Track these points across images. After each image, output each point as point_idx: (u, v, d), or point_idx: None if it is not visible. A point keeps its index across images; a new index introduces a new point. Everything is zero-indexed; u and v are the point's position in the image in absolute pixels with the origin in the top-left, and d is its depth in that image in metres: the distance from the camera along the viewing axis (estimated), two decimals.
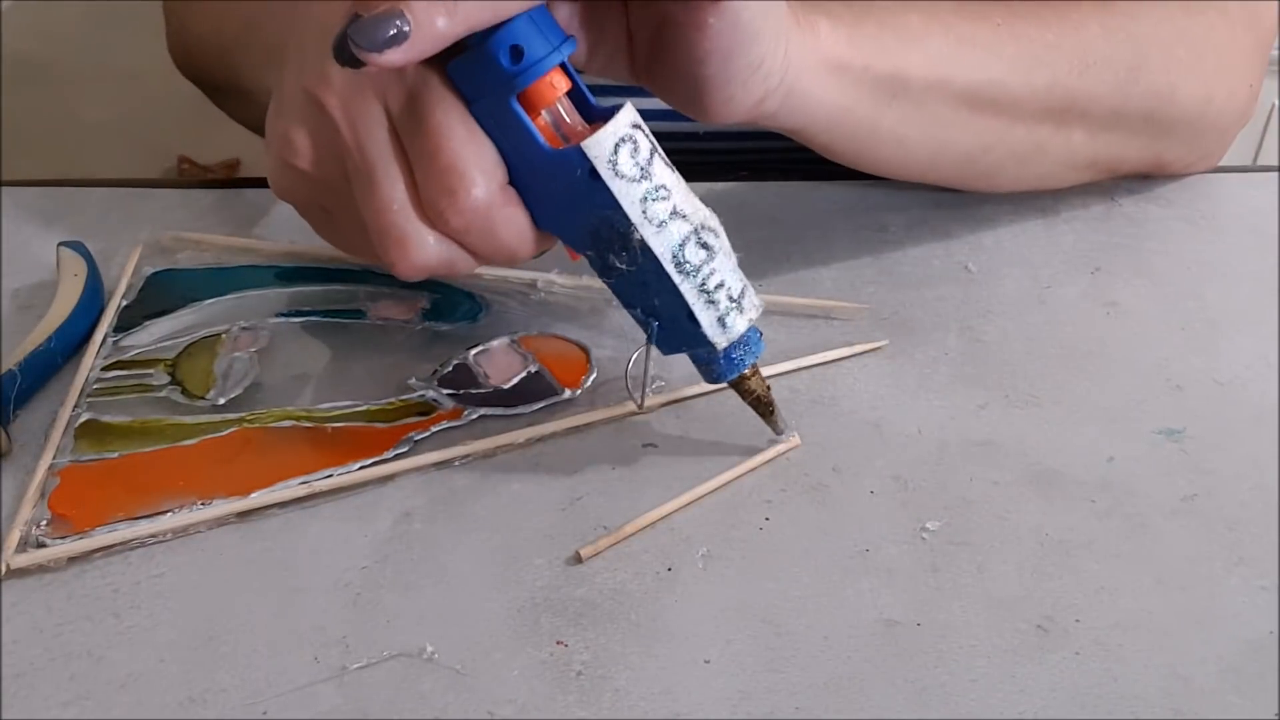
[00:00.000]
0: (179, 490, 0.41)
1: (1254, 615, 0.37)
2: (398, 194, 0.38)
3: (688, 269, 0.38)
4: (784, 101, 0.43)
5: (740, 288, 0.39)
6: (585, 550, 0.39)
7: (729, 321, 0.39)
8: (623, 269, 0.38)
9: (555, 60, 0.37)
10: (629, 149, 0.37)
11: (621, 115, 0.37)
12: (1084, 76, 0.50)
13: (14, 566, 0.38)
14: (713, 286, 0.39)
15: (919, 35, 0.47)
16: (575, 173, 0.37)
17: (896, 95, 0.46)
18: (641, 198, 0.37)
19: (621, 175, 0.37)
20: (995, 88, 0.48)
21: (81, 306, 0.48)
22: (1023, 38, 0.49)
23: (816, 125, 0.45)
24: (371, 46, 0.34)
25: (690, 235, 0.38)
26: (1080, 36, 0.50)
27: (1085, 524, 0.41)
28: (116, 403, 0.45)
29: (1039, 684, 0.35)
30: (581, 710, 0.35)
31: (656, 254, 0.38)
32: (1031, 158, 0.52)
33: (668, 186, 0.38)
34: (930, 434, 0.44)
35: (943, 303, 0.51)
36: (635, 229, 0.37)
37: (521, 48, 0.36)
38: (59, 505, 0.40)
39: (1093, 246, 0.54)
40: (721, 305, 0.39)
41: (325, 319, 0.49)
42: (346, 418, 0.44)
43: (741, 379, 0.42)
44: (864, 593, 0.38)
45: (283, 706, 0.35)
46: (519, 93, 0.37)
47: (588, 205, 0.38)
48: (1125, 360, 0.48)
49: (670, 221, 0.38)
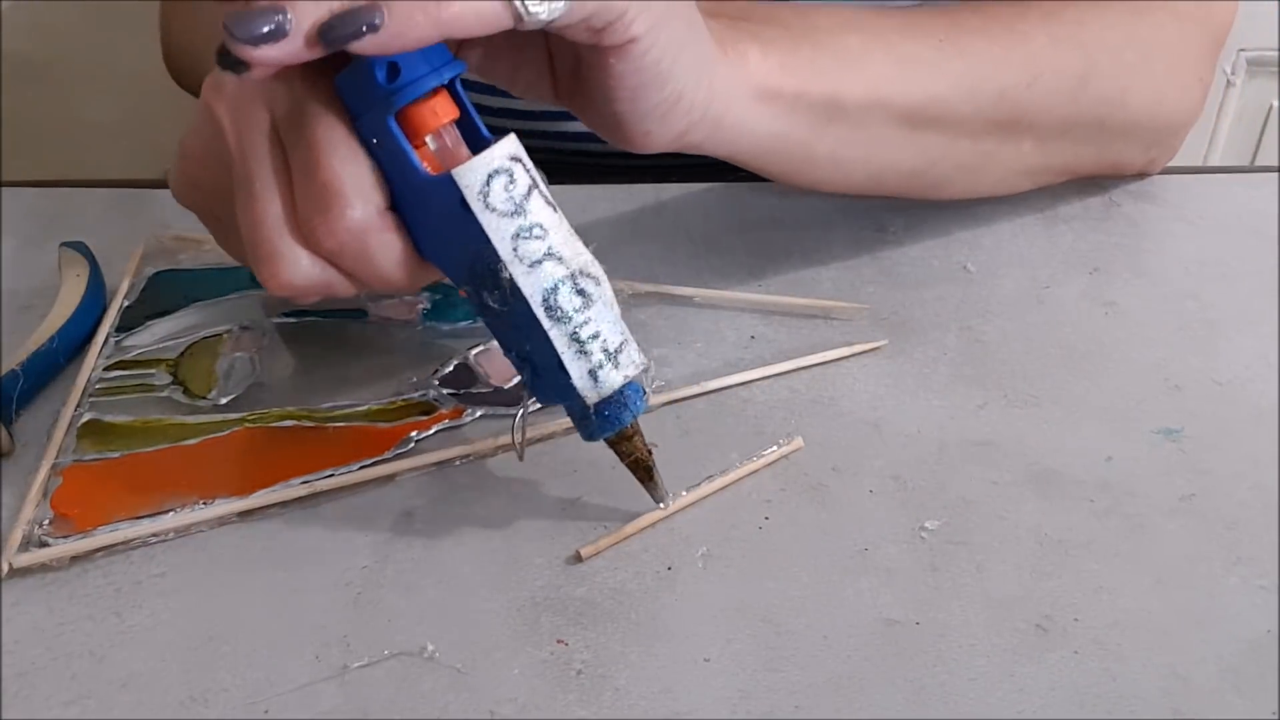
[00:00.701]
0: (181, 490, 0.41)
1: (1253, 614, 0.38)
2: (273, 208, 0.36)
3: (559, 315, 0.36)
4: (711, 133, 0.43)
5: (619, 342, 0.37)
6: (585, 550, 0.39)
7: (601, 376, 0.37)
8: (496, 309, 0.37)
9: (433, 81, 0.36)
10: (503, 181, 0.35)
11: (499, 146, 0.36)
12: (1032, 88, 0.49)
13: (16, 566, 0.39)
14: (586, 336, 0.36)
15: (858, 57, 0.46)
16: (449, 202, 0.36)
17: (833, 118, 0.46)
18: (514, 234, 0.36)
19: (493, 209, 0.35)
20: (939, 105, 0.48)
21: (83, 306, 0.48)
22: (967, 53, 0.48)
23: (748, 152, 0.45)
24: (247, 38, 0.33)
25: (565, 279, 0.36)
26: (1028, 48, 0.49)
27: (1084, 523, 0.41)
28: (119, 402, 0.45)
29: (1038, 683, 0.35)
30: (582, 709, 0.35)
31: (525, 295, 0.36)
32: (980, 169, 0.51)
33: (544, 226, 0.36)
34: (929, 434, 0.44)
35: (942, 303, 0.51)
36: (505, 266, 0.35)
37: (398, 65, 0.35)
38: (61, 505, 0.41)
39: (1091, 247, 0.54)
40: (594, 358, 0.37)
41: (326, 319, 0.49)
42: (348, 417, 0.44)
43: (619, 438, 0.39)
44: (863, 592, 0.38)
45: (284, 706, 0.35)
46: (397, 112, 0.35)
47: (461, 237, 0.36)
48: (1124, 360, 0.48)
49: (544, 263, 0.36)
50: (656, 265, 0.53)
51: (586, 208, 0.56)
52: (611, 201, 0.57)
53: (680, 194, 0.57)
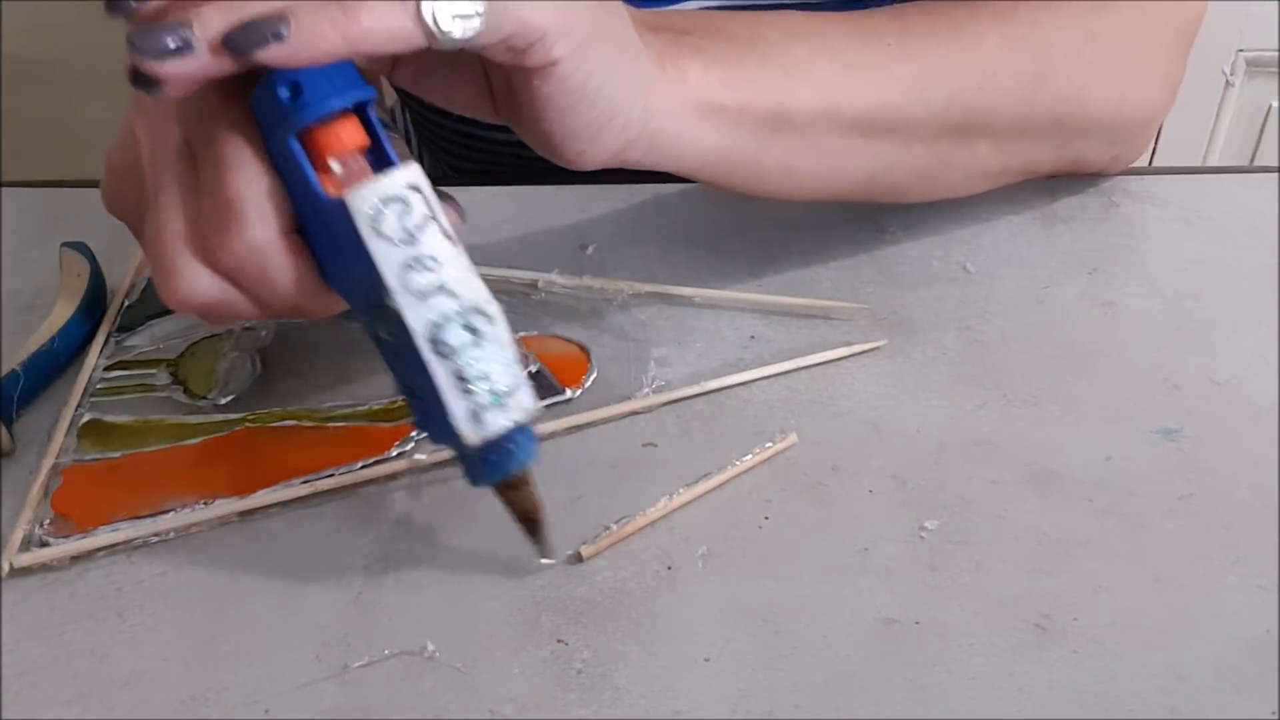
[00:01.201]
0: (181, 490, 0.41)
1: (1251, 614, 0.38)
2: (174, 223, 0.36)
3: (444, 350, 0.35)
4: (649, 150, 0.42)
5: (510, 385, 0.36)
6: (586, 549, 0.39)
7: (486, 418, 0.35)
8: (386, 339, 0.36)
9: (336, 104, 0.35)
10: (397, 209, 0.34)
11: (397, 173, 0.35)
12: (984, 90, 0.49)
13: (17, 566, 0.39)
14: (472, 375, 0.35)
15: (804, 67, 0.45)
16: (344, 226, 0.35)
17: (781, 130, 0.45)
18: (403, 264, 0.34)
19: (383, 236, 0.34)
20: (889, 110, 0.47)
21: (84, 306, 0.48)
22: (916, 57, 0.47)
23: (692, 167, 0.45)
24: (152, 55, 0.32)
25: (455, 315, 0.35)
26: (979, 50, 0.48)
27: (1083, 523, 0.41)
28: (119, 402, 0.45)
29: (1037, 682, 0.36)
30: (582, 708, 0.35)
31: (410, 327, 0.35)
32: (936, 173, 0.51)
33: (438, 259, 0.35)
34: (929, 433, 0.44)
35: (941, 303, 0.51)
36: (392, 295, 0.34)
37: (300, 85, 0.34)
38: (62, 505, 0.41)
39: (1090, 247, 0.54)
40: (480, 398, 0.35)
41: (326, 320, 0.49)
42: (349, 417, 0.44)
43: (506, 486, 0.38)
44: (863, 591, 0.38)
45: (284, 705, 0.35)
46: (299, 131, 0.35)
47: (354, 263, 0.35)
48: (1123, 360, 0.48)
49: (433, 296, 0.35)
50: (656, 265, 0.53)
51: (586, 208, 0.56)
52: (611, 201, 0.57)
53: (680, 194, 0.57)
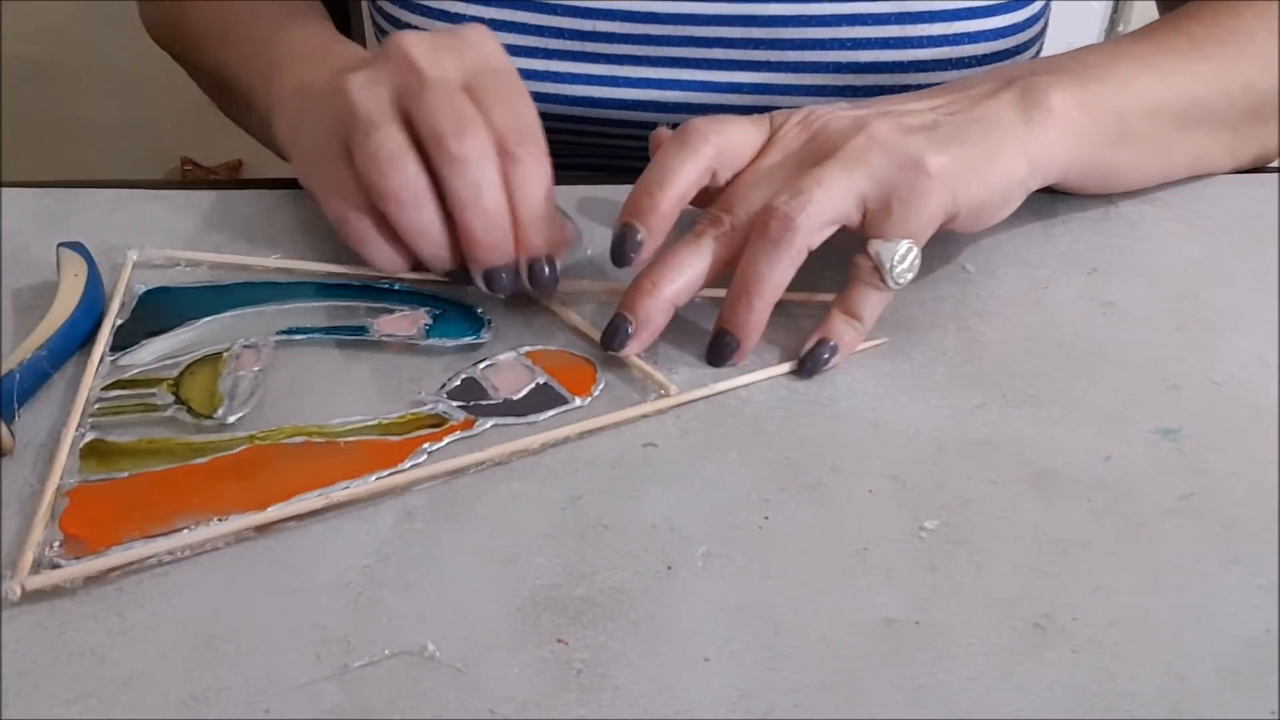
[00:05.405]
0: (194, 507, 0.40)
1: (1251, 614, 0.38)
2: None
3: None
4: (1036, 186, 0.50)
5: None
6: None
7: None
8: None
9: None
10: None
11: None
12: (1267, 74, 0.56)
13: (30, 589, 0.38)
14: None
15: (1130, 80, 0.53)
16: None
17: (1126, 136, 0.53)
18: None
19: None
20: (1199, 105, 0.55)
21: (82, 307, 0.48)
22: (1207, 57, 0.55)
23: (1064, 183, 0.53)
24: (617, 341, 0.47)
25: None
26: (1255, 43, 0.56)
27: (1082, 523, 0.41)
28: (121, 422, 0.44)
29: (1036, 682, 0.36)
30: (581, 708, 0.35)
31: None
32: (1241, 149, 0.59)
33: None
34: (928, 433, 0.44)
35: (941, 302, 0.51)
36: None
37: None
38: (70, 526, 0.40)
39: (1090, 247, 0.54)
40: None
41: (328, 335, 0.49)
42: (359, 432, 0.44)
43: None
44: (862, 591, 0.38)
45: (284, 705, 0.35)
46: None
47: None
48: (1122, 360, 0.48)
49: None
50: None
51: (586, 207, 0.56)
52: (611, 201, 0.57)
53: None
